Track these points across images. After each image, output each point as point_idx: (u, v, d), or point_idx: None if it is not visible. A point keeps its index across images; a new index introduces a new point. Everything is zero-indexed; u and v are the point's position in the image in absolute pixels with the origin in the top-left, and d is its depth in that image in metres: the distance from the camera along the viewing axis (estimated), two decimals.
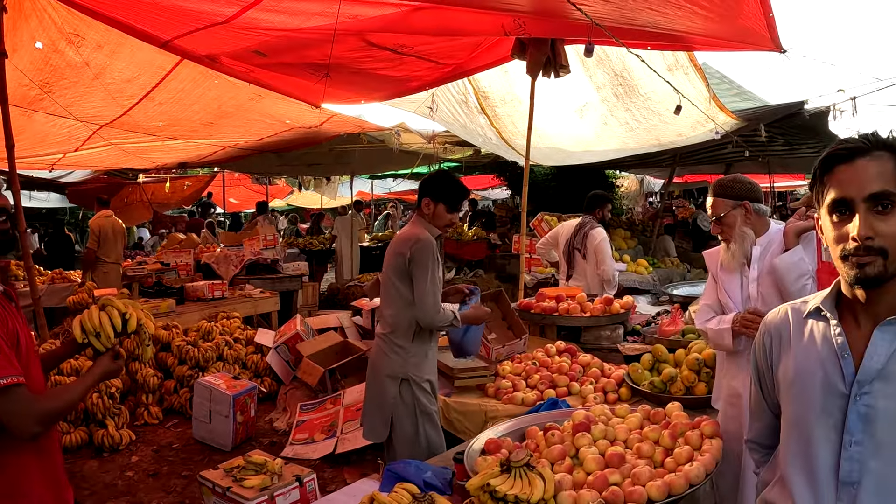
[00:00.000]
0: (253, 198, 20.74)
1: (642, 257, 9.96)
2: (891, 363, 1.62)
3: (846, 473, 1.66)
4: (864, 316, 1.70)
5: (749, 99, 10.63)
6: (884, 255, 1.59)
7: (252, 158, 11.52)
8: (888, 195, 1.59)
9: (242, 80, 6.12)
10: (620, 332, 5.41)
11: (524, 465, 2.31)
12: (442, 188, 4.06)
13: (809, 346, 1.77)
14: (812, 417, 1.73)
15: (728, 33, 4.97)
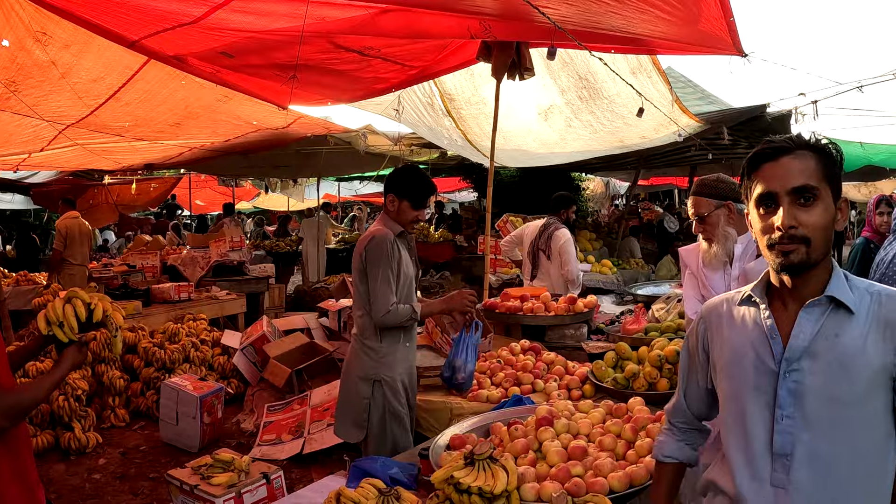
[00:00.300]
0: (219, 200, 20.63)
1: (607, 258, 10.06)
2: (816, 341, 1.77)
3: (779, 446, 1.79)
4: (790, 300, 1.84)
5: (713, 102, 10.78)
6: (807, 244, 1.74)
7: (218, 160, 11.46)
8: (810, 189, 1.75)
9: (210, 81, 6.10)
10: (584, 330, 5.47)
11: (487, 457, 2.36)
12: (406, 184, 4.01)
13: (742, 329, 1.91)
14: (746, 395, 1.85)
15: (690, 37, 5.03)
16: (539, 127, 8.29)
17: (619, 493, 2.57)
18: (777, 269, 1.83)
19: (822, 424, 1.76)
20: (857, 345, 1.75)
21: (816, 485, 1.77)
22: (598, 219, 14.78)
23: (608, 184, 21.13)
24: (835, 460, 1.76)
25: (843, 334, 1.77)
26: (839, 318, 1.79)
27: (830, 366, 1.76)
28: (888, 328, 1.76)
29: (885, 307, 1.79)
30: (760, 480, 1.83)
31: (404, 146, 10.43)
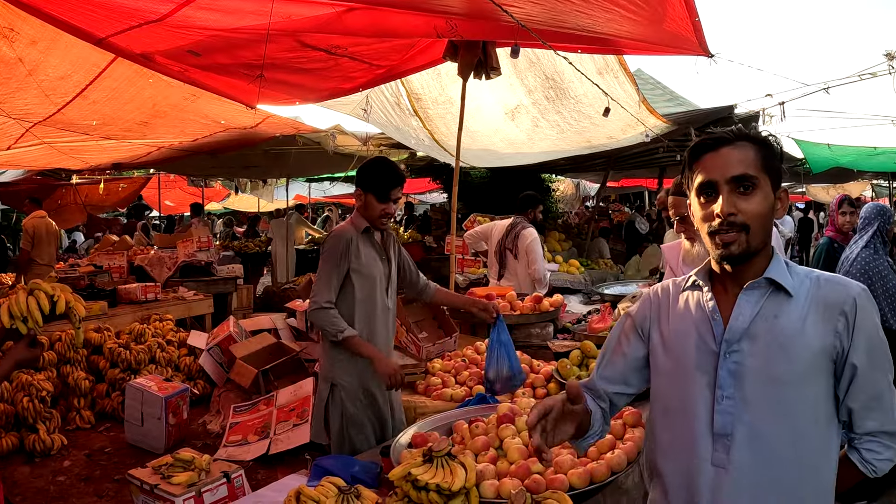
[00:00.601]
0: (189, 200, 20.53)
1: (576, 259, 10.11)
2: (755, 323, 1.82)
3: (720, 426, 1.82)
4: (731, 284, 1.89)
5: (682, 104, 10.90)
6: (746, 230, 1.79)
7: (187, 160, 11.39)
8: (749, 178, 1.80)
9: (177, 80, 6.06)
10: (550, 329, 5.49)
11: (445, 454, 2.36)
12: (370, 176, 3.93)
13: (685, 312, 1.95)
14: (689, 376, 1.89)
15: (656, 37, 5.07)
16: (506, 127, 8.32)
17: (579, 489, 2.58)
18: (717, 260, 1.88)
19: (763, 405, 1.80)
20: (796, 326, 1.81)
21: (757, 465, 1.81)
22: (568, 220, 14.84)
23: (578, 185, 21.27)
24: (775, 441, 1.80)
25: (781, 315, 1.82)
26: (778, 300, 1.84)
27: (770, 346, 1.80)
28: (827, 310, 1.81)
29: (823, 289, 1.85)
30: (702, 460, 1.86)
31: (373, 146, 10.43)
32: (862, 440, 1.90)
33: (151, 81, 6.42)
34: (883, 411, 1.86)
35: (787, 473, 1.81)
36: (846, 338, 1.80)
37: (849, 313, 1.80)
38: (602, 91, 6.40)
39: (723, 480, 1.83)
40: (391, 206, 3.95)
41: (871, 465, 1.90)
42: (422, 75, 7.15)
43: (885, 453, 1.89)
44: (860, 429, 1.88)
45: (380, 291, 4.02)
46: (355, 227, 3.98)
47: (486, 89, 7.21)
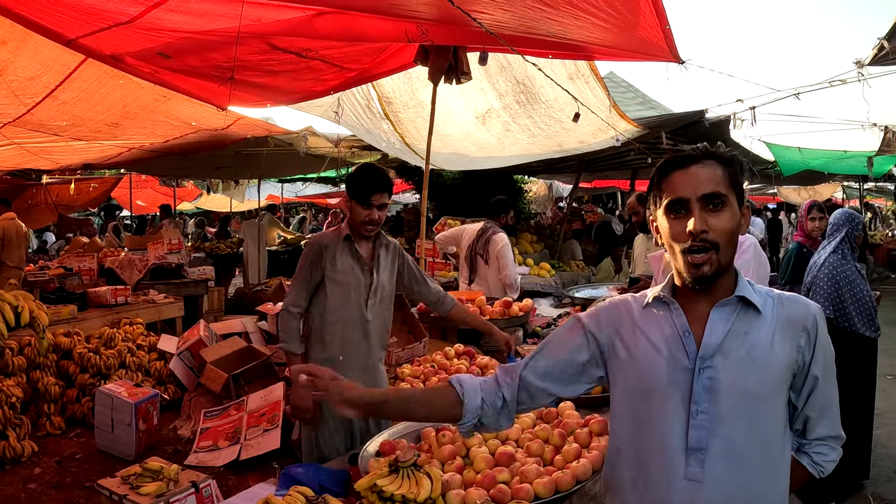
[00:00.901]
0: (161, 200, 20.38)
1: (547, 261, 10.14)
2: (727, 339, 1.87)
3: (695, 441, 1.86)
4: (701, 300, 1.93)
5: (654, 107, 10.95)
6: (716, 248, 1.83)
7: (158, 160, 11.32)
8: (718, 195, 1.85)
9: (148, 81, 6.02)
10: (520, 334, 5.51)
11: (411, 465, 2.37)
12: (353, 182, 3.93)
13: (654, 328, 1.97)
14: (660, 393, 1.91)
15: (627, 43, 5.10)
16: (477, 131, 8.35)
17: (544, 499, 2.60)
18: (689, 281, 1.91)
19: (736, 418, 1.85)
20: (766, 342, 1.88)
21: (730, 476, 1.86)
22: (540, 221, 14.89)
23: (551, 186, 21.36)
24: (747, 452, 1.86)
25: (752, 332, 1.89)
26: (748, 317, 1.91)
27: (742, 362, 1.86)
28: (791, 326, 1.90)
29: (786, 307, 1.94)
30: (674, 475, 1.89)
31: (345, 148, 10.41)
32: (812, 445, 2.05)
33: (122, 83, 6.38)
34: (832, 418, 2.02)
35: (757, 482, 1.87)
36: (808, 352, 1.92)
37: (810, 330, 1.92)
38: (572, 96, 6.43)
39: (697, 494, 1.86)
40: (375, 213, 3.88)
41: (819, 467, 2.06)
42: (393, 79, 7.16)
43: (831, 455, 2.06)
44: (812, 434, 2.03)
45: (356, 301, 3.98)
46: (338, 233, 3.99)
47: (457, 93, 7.23)
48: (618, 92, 10.10)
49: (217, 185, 19.16)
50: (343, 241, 3.95)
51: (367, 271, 4.00)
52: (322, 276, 3.92)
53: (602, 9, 4.21)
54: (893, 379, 9.08)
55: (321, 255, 3.91)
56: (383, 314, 4.13)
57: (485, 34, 4.59)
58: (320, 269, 3.91)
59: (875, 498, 5.70)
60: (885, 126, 9.69)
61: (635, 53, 5.32)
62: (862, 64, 5.07)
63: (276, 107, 7.25)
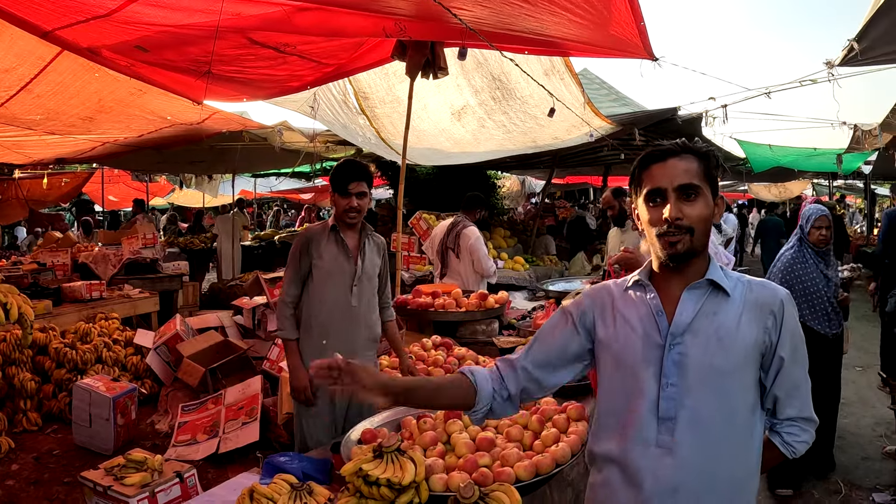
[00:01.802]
0: (133, 195, 20.20)
1: (521, 255, 10.20)
2: (696, 319, 2.02)
3: (665, 410, 2.02)
4: (674, 283, 2.08)
5: (627, 104, 11.06)
6: (690, 233, 1.99)
7: (131, 155, 11.22)
8: (693, 187, 2.00)
9: (124, 75, 5.99)
10: (496, 326, 5.57)
11: (395, 449, 2.42)
12: (333, 175, 4.13)
13: (630, 309, 2.13)
14: (636, 367, 2.07)
15: (602, 40, 5.16)
16: (452, 127, 8.38)
17: (525, 481, 2.67)
18: (664, 259, 2.06)
19: (703, 390, 2.00)
20: (733, 322, 2.03)
21: (697, 444, 2.00)
22: (513, 216, 14.95)
23: (524, 182, 21.44)
24: (713, 421, 2.01)
25: (720, 313, 2.04)
26: (717, 299, 2.06)
27: (710, 340, 2.01)
28: (759, 309, 2.05)
29: (755, 292, 2.09)
30: (647, 443, 2.04)
31: (320, 143, 10.40)
32: (783, 425, 2.16)
33: (97, 76, 6.36)
34: (801, 399, 2.13)
35: (723, 451, 2.02)
36: (774, 334, 2.05)
37: (777, 313, 2.06)
38: (548, 92, 6.49)
39: (666, 461, 2.01)
40: (353, 201, 4.06)
41: (791, 447, 2.17)
42: (369, 74, 7.19)
43: (802, 436, 2.16)
44: (782, 414, 2.14)
45: (342, 288, 4.15)
46: (325, 225, 4.18)
47: (433, 89, 7.27)
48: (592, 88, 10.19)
49: (190, 180, 19.02)
50: (330, 231, 4.14)
51: (352, 260, 4.17)
52: (310, 265, 4.11)
53: (579, 5, 4.27)
54: (862, 370, 9.25)
55: (308, 246, 4.10)
56: (370, 301, 4.30)
57: (462, 30, 4.64)
58: (308, 259, 4.10)
59: (845, 483, 5.84)
60: (855, 124, 9.84)
61: (610, 50, 5.38)
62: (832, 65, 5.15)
63: (253, 101, 7.25)
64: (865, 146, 10.66)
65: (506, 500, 2.36)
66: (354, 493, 2.42)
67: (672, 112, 8.32)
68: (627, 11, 4.34)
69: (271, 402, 5.41)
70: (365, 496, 2.37)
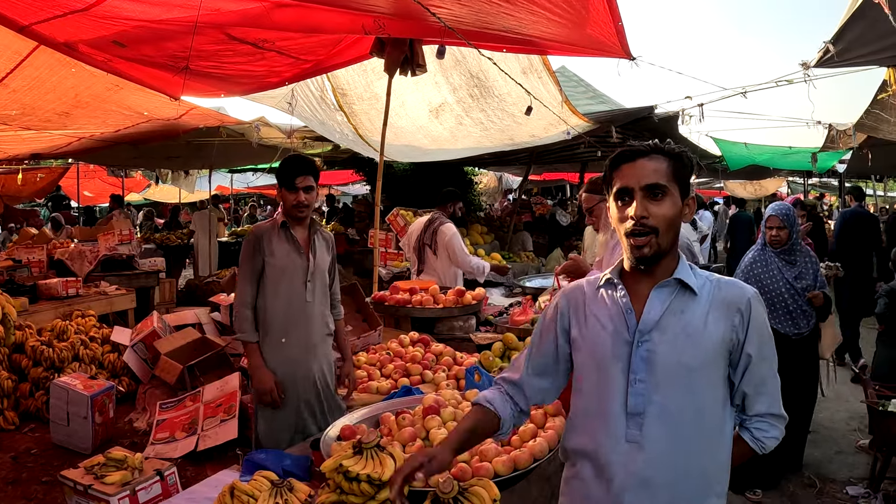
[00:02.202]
0: (109, 191, 20.09)
1: (498, 251, 10.23)
2: (664, 317, 2.08)
3: (633, 406, 2.07)
4: (644, 282, 2.14)
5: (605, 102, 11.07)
6: (655, 233, 2.04)
7: (107, 150, 11.13)
8: (660, 187, 2.06)
9: (101, 70, 5.96)
10: (473, 322, 5.60)
11: (374, 446, 2.44)
12: (279, 170, 4.12)
13: (602, 307, 2.19)
14: (606, 363, 2.12)
15: (580, 40, 5.19)
16: (430, 124, 8.40)
17: (503, 476, 2.70)
18: (633, 262, 2.11)
19: (670, 386, 2.06)
20: (700, 320, 2.08)
21: (666, 439, 2.06)
22: (490, 213, 14.98)
23: (501, 178, 21.49)
24: (681, 416, 2.06)
25: (687, 311, 2.10)
26: (685, 297, 2.12)
27: (677, 337, 2.07)
28: (726, 307, 2.11)
29: (723, 290, 2.15)
30: (617, 438, 2.09)
31: (297, 139, 10.38)
32: (752, 420, 2.21)
33: (74, 71, 6.30)
34: (770, 395, 2.19)
35: (692, 445, 2.07)
36: (742, 331, 2.11)
37: (744, 311, 2.11)
38: (525, 90, 6.52)
39: (636, 455, 2.07)
40: (301, 195, 4.07)
41: (760, 443, 2.22)
42: (348, 71, 7.19)
43: (771, 432, 2.21)
44: (751, 410, 2.20)
45: (297, 285, 4.15)
46: (274, 222, 4.16)
47: (411, 86, 7.28)
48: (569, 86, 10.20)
49: (166, 175, 18.92)
50: (279, 228, 4.13)
51: (304, 255, 4.17)
52: (263, 263, 4.09)
53: (557, 4, 4.31)
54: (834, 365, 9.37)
55: (260, 244, 4.08)
56: (323, 295, 4.30)
57: (441, 28, 4.66)
58: (261, 258, 4.08)
59: (819, 477, 5.93)
60: (829, 124, 9.96)
61: (588, 49, 5.42)
62: (808, 65, 5.21)
63: (230, 97, 7.24)
64: (840, 145, 10.81)
65: (484, 494, 2.38)
66: (335, 490, 2.44)
67: (649, 110, 8.38)
68: (605, 11, 4.38)
69: (249, 399, 5.40)
70: (345, 492, 2.39)
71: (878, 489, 5.51)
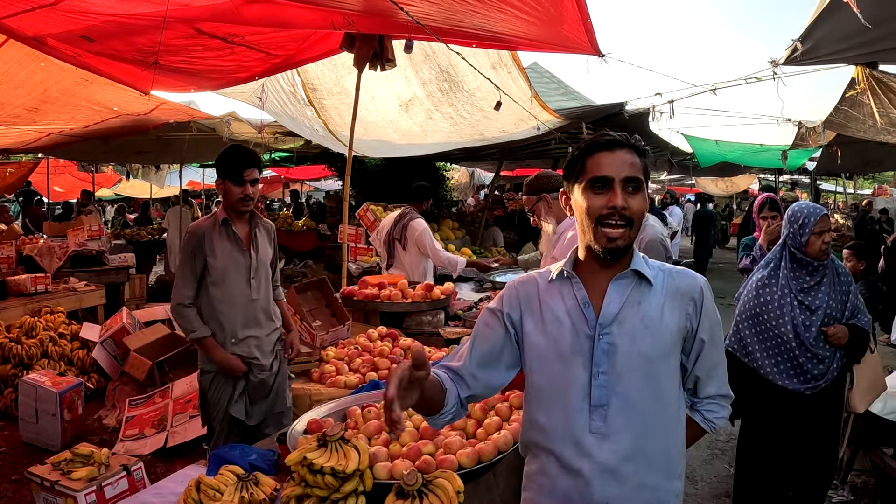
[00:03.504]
0: (79, 186, 19.88)
1: (468, 247, 10.25)
2: (623, 309, 2.09)
3: (597, 398, 2.08)
4: (601, 274, 2.15)
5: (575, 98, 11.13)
6: (630, 225, 2.04)
7: (77, 145, 11.05)
8: (637, 181, 2.07)
9: (70, 65, 5.91)
10: (441, 317, 5.61)
11: (339, 438, 2.46)
12: (222, 163, 4.03)
13: (558, 301, 2.17)
14: (565, 358, 2.12)
15: (549, 37, 5.21)
16: (400, 119, 8.42)
17: (468, 468, 2.72)
18: (601, 252, 2.08)
19: (632, 376, 2.07)
20: (657, 311, 2.11)
21: (629, 427, 2.07)
22: (462, 208, 15.01)
23: (473, 174, 21.53)
24: (644, 405, 2.08)
25: (644, 302, 2.11)
26: (642, 289, 2.13)
27: (636, 328, 2.08)
28: (680, 296, 2.14)
29: (675, 280, 2.17)
30: (581, 430, 2.10)
31: (268, 133, 10.36)
32: (703, 403, 2.29)
33: (43, 65, 6.26)
34: (719, 378, 2.25)
35: (655, 432, 2.10)
36: (695, 318, 2.15)
37: (697, 300, 2.15)
38: (495, 85, 6.55)
39: (602, 445, 2.08)
40: (248, 188, 4.00)
41: (710, 423, 2.30)
42: (318, 66, 7.19)
43: (720, 412, 2.29)
44: (703, 393, 2.27)
45: (241, 283, 4.09)
46: (215, 219, 4.08)
47: (381, 81, 7.29)
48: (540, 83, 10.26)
49: (137, 170, 18.79)
50: (220, 225, 4.05)
51: (246, 253, 4.12)
52: (204, 262, 4.01)
53: (526, 2, 4.34)
54: None
55: (201, 244, 3.99)
56: (267, 289, 4.27)
57: (411, 24, 4.67)
58: (202, 257, 4.00)
59: None
60: (799, 122, 10.07)
61: (557, 46, 5.44)
62: (777, 63, 5.27)
63: (200, 92, 7.21)
64: (810, 143, 10.92)
65: (448, 486, 2.41)
66: (300, 483, 2.45)
67: (619, 107, 8.45)
68: (574, 9, 4.41)
69: None
70: (310, 485, 2.40)
71: (844, 481, 5.57)
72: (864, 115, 7.53)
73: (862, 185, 32.97)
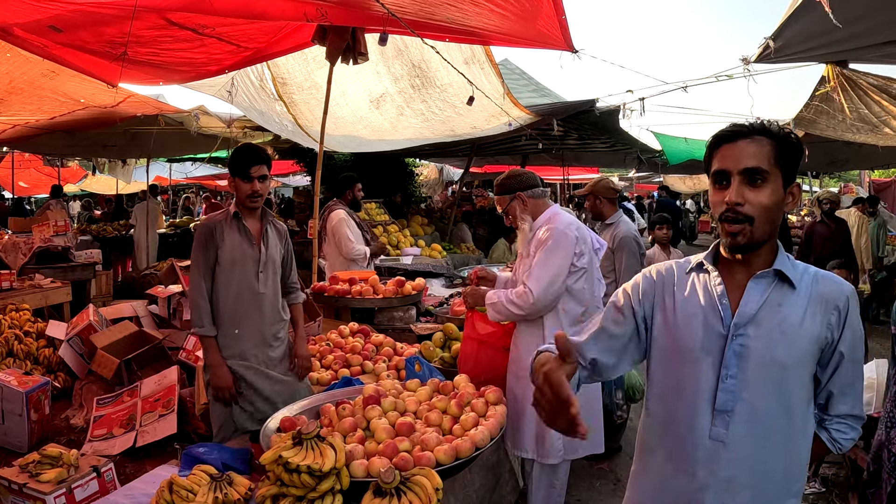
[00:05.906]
0: (45, 181, 19.64)
1: (438, 243, 10.25)
2: (761, 310, 1.97)
3: (722, 403, 1.98)
4: (740, 270, 2.04)
5: (546, 95, 11.19)
6: (750, 222, 1.92)
7: (42, 138, 10.89)
8: (760, 171, 1.92)
9: (37, 55, 5.81)
10: (413, 312, 5.60)
11: (315, 437, 2.42)
12: (233, 161, 4.07)
13: (692, 294, 2.08)
14: (694, 355, 2.03)
15: (524, 32, 5.21)
16: (370, 115, 8.38)
17: (445, 465, 2.70)
18: (727, 249, 2.02)
19: (761, 384, 1.97)
20: (798, 316, 1.99)
21: (752, 438, 1.98)
22: (431, 204, 14.99)
23: (442, 170, 21.53)
24: (769, 416, 1.98)
25: (785, 305, 1.99)
26: (783, 290, 2.01)
27: (773, 332, 1.97)
28: (821, 303, 2.00)
29: (821, 285, 2.03)
30: (700, 434, 2.01)
31: (237, 128, 10.25)
32: (832, 421, 2.12)
33: (9, 56, 6.16)
34: (854, 397, 2.09)
35: (777, 445, 1.99)
36: (837, 330, 2.00)
37: (842, 309, 2.01)
38: (468, 80, 6.53)
39: (720, 453, 1.99)
40: (256, 185, 4.03)
41: (838, 444, 2.13)
42: (288, 59, 7.12)
43: (850, 433, 2.12)
44: (834, 411, 2.11)
45: (248, 276, 4.09)
46: (227, 213, 4.10)
47: (353, 76, 7.24)
48: (512, 79, 10.28)
49: (103, 165, 18.54)
50: (232, 219, 4.08)
51: (256, 246, 4.13)
52: (216, 255, 4.04)
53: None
54: None
55: (213, 235, 4.03)
56: (276, 286, 4.26)
57: (385, 17, 4.64)
58: (214, 247, 4.03)
59: None
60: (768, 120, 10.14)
61: (532, 41, 5.45)
62: (748, 61, 5.28)
63: (169, 85, 7.12)
64: None
65: (427, 483, 2.39)
66: (275, 482, 2.42)
67: (590, 104, 8.45)
68: (549, 5, 4.40)
69: (188, 393, 5.33)
70: (286, 484, 2.37)
71: (816, 473, 5.61)
72: (833, 111, 7.60)
73: (828, 183, 33.38)
